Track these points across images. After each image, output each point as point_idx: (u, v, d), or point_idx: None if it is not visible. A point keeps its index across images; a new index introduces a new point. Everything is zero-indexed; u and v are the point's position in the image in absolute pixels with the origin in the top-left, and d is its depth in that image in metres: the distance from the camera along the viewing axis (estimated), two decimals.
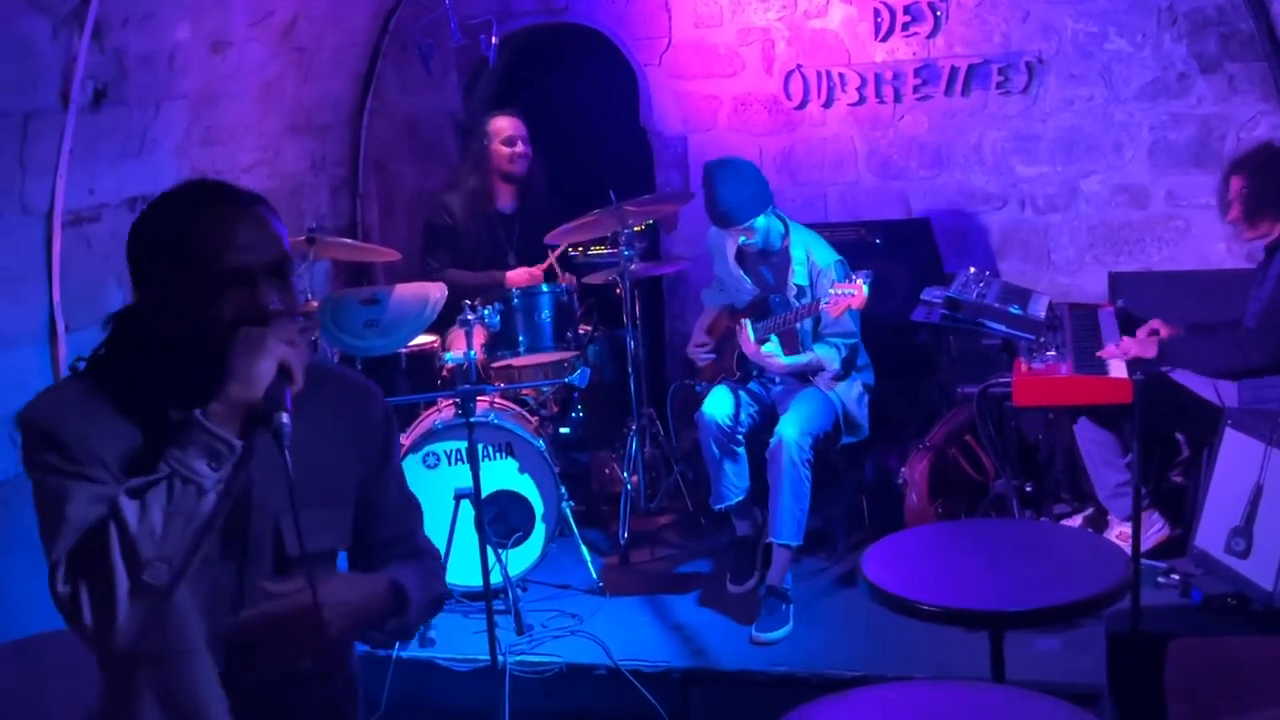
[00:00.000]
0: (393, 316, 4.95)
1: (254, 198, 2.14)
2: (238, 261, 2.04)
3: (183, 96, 5.15)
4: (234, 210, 2.08)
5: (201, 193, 2.12)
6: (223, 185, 2.15)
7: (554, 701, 4.47)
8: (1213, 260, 5.72)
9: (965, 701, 2.55)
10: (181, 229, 2.06)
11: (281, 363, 2.01)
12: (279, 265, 2.09)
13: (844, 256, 4.97)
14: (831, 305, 4.52)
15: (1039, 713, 2.47)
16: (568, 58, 7.01)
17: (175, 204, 2.11)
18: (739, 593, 4.90)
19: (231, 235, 2.04)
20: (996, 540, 3.52)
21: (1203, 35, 5.62)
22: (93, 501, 1.96)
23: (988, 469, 5.10)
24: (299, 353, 2.04)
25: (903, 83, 6.08)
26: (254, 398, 1.98)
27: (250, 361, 1.99)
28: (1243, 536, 3.80)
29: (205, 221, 2.06)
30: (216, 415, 1.97)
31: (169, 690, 2.08)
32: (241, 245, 2.04)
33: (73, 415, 2.04)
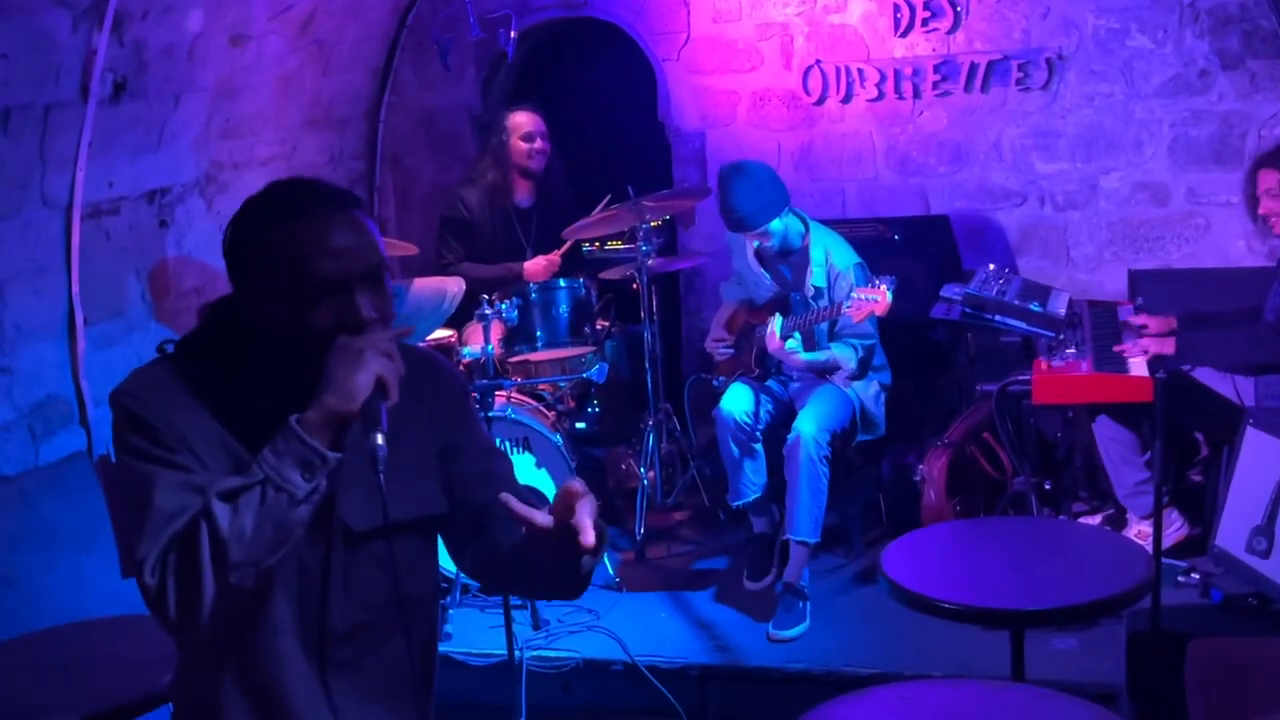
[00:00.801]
0: (410, 310, 4.95)
1: (350, 199, 2.11)
2: (333, 269, 2.02)
3: (202, 89, 5.15)
4: (330, 215, 2.05)
5: (298, 194, 2.10)
6: (318, 186, 2.12)
7: (571, 697, 4.47)
8: (1233, 258, 5.69)
9: (985, 700, 2.54)
10: (278, 232, 2.04)
11: (378, 377, 1.99)
12: (374, 271, 2.07)
13: (863, 253, 4.96)
14: (854, 310, 4.50)
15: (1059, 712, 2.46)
16: (586, 53, 7.00)
17: (272, 205, 2.09)
18: (756, 589, 4.89)
19: (327, 241, 2.02)
20: (1015, 538, 3.52)
21: (1224, 32, 5.59)
22: (179, 489, 1.97)
23: (1006, 467, 5.08)
24: (395, 365, 2.02)
25: (922, 79, 6.06)
26: (351, 411, 1.97)
27: (348, 374, 1.97)
28: (1264, 536, 3.78)
29: (302, 226, 2.03)
30: (311, 424, 1.96)
31: (251, 669, 2.10)
32: (337, 252, 2.03)
33: (160, 397, 2.05)
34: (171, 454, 2.01)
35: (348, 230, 2.05)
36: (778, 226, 4.86)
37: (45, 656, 3.39)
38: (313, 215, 2.04)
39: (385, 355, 2.00)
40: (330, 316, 2.03)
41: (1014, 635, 3.14)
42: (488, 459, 2.36)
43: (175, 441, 2.01)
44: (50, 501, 4.37)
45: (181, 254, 5.28)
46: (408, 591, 2.19)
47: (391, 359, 2.01)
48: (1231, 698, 3.01)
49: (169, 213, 5.18)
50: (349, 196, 2.12)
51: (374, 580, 2.17)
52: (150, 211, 5.09)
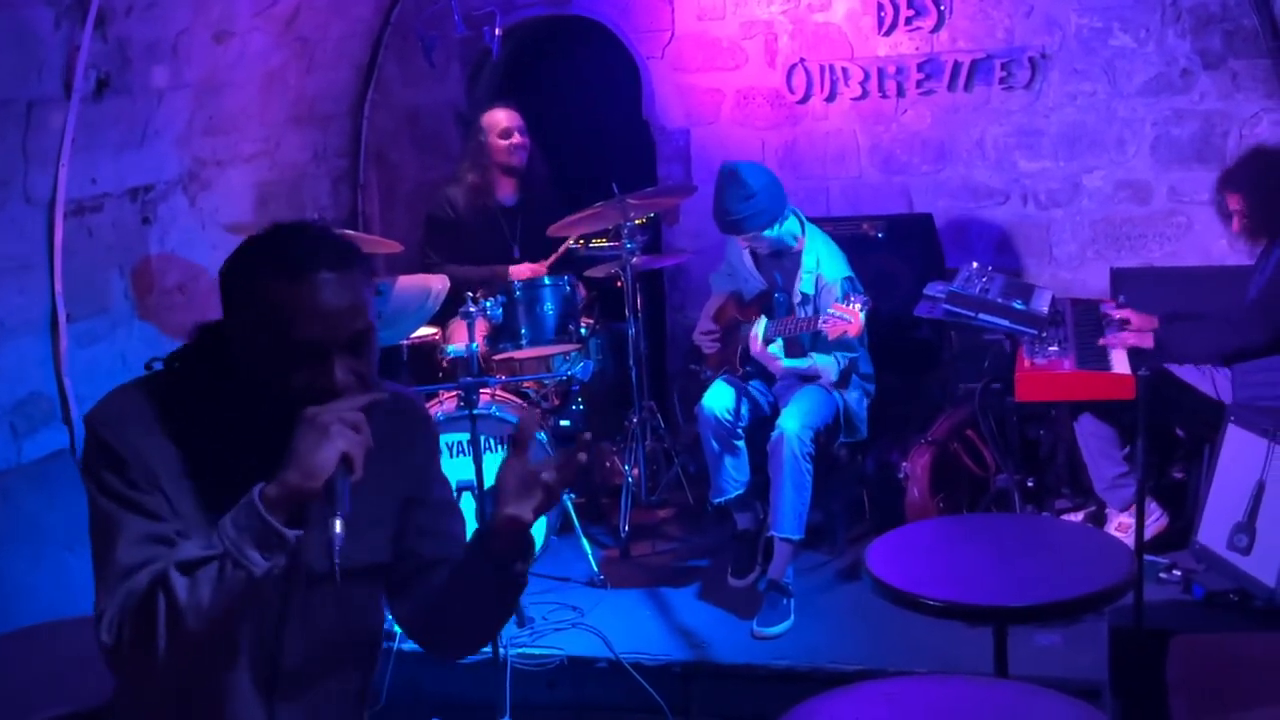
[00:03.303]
0: (394, 308, 4.95)
1: (350, 258, 2.04)
2: (316, 334, 1.97)
3: (185, 86, 5.14)
4: (325, 278, 1.98)
5: (299, 249, 2.01)
6: (321, 241, 2.04)
7: (555, 694, 4.47)
8: (1215, 256, 5.72)
9: (969, 696, 2.55)
10: (269, 285, 1.97)
11: (343, 454, 1.93)
12: (359, 338, 2.03)
13: (847, 251, 4.97)
14: (829, 327, 4.51)
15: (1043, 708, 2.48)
16: (571, 50, 7.00)
17: (270, 255, 2.02)
18: (740, 586, 4.89)
19: (316, 305, 1.97)
20: (999, 535, 3.53)
21: (1206, 31, 5.62)
22: (142, 542, 1.95)
23: (989, 464, 5.10)
24: (363, 438, 1.96)
25: (905, 77, 6.08)
26: (313, 489, 1.91)
27: (311, 450, 1.91)
28: (1245, 533, 3.80)
29: (294, 285, 1.97)
30: (272, 501, 1.90)
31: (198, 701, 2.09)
32: (324, 316, 1.97)
33: (135, 424, 2.02)
34: (139, 495, 1.98)
35: (339, 294, 1.99)
36: (772, 234, 4.87)
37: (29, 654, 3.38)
38: (307, 277, 1.97)
39: (352, 428, 1.95)
40: (305, 378, 1.99)
41: (997, 631, 3.15)
42: (444, 516, 2.33)
43: (145, 479, 1.98)
44: (33, 499, 4.35)
45: (165, 251, 5.27)
46: (358, 630, 2.23)
47: (359, 431, 1.96)
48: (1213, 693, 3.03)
49: (152, 210, 5.17)
50: (349, 254, 2.05)
51: (328, 619, 2.16)
52: (133, 208, 5.08)
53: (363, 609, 2.24)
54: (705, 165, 6.27)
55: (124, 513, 1.97)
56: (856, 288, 4.79)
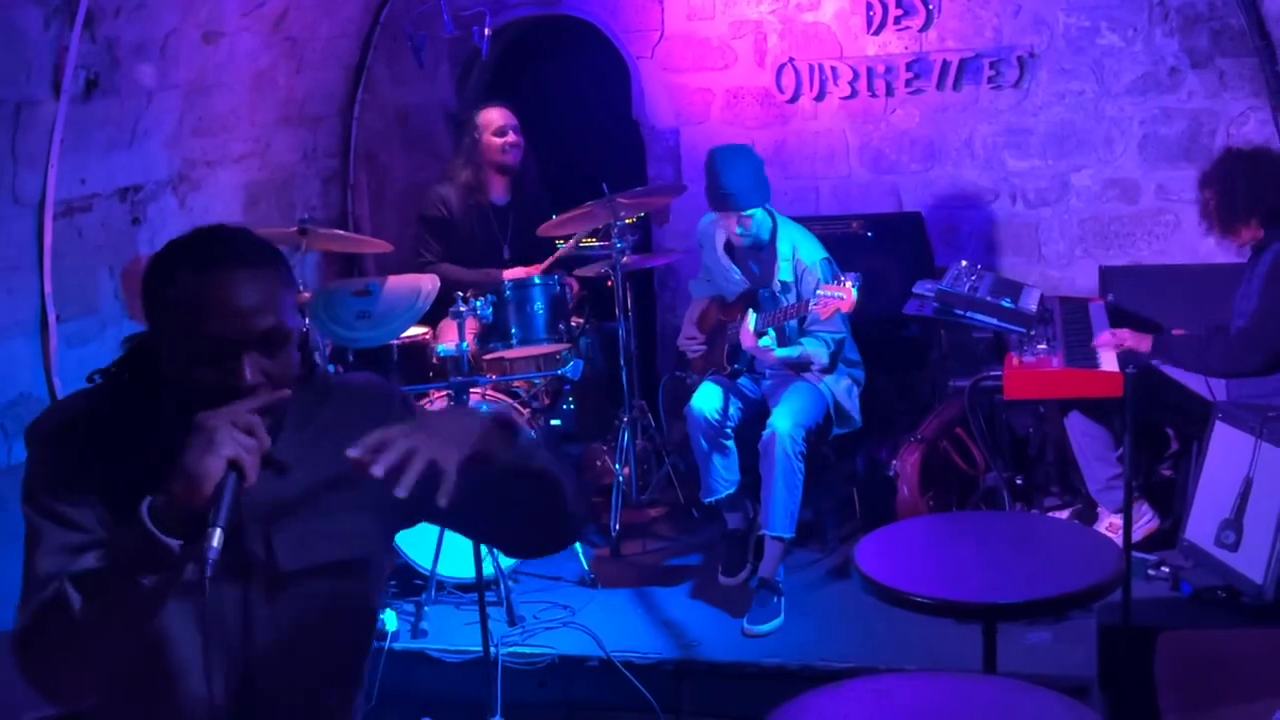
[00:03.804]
0: (385, 308, 4.95)
1: (265, 258, 2.01)
2: (222, 329, 1.93)
3: (175, 86, 5.14)
4: (234, 273, 1.95)
5: (211, 246, 2.00)
6: (235, 239, 2.02)
7: (546, 693, 4.48)
8: (1202, 254, 5.73)
9: (958, 693, 2.56)
10: (180, 281, 1.95)
11: (232, 460, 1.85)
12: (270, 335, 1.97)
13: (837, 251, 4.98)
14: (820, 307, 4.50)
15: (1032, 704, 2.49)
16: (561, 50, 7.00)
17: (176, 254, 2.00)
18: (731, 585, 4.90)
19: (223, 300, 1.93)
20: (988, 533, 3.54)
21: (1194, 30, 5.63)
22: (57, 552, 1.93)
23: (979, 462, 5.12)
24: (257, 443, 1.89)
25: (895, 77, 6.09)
26: (200, 499, 1.83)
27: (197, 457, 1.84)
28: (1233, 529, 3.82)
29: (202, 280, 1.94)
30: (159, 512, 1.84)
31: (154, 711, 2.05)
32: (230, 312, 1.93)
33: (71, 438, 2.01)
34: (63, 507, 1.96)
35: (249, 290, 1.95)
36: (761, 216, 4.87)
37: None
38: (213, 272, 1.95)
39: (245, 432, 1.88)
40: (214, 376, 1.94)
41: (986, 628, 3.16)
42: None
43: (72, 492, 1.97)
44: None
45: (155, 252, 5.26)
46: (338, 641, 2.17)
47: (253, 435, 1.89)
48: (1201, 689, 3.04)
49: (142, 210, 5.17)
50: (262, 253, 2.02)
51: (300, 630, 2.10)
52: (123, 209, 5.07)
53: (339, 615, 2.16)
54: (695, 165, 6.27)
55: (46, 523, 1.96)
56: (835, 268, 4.80)
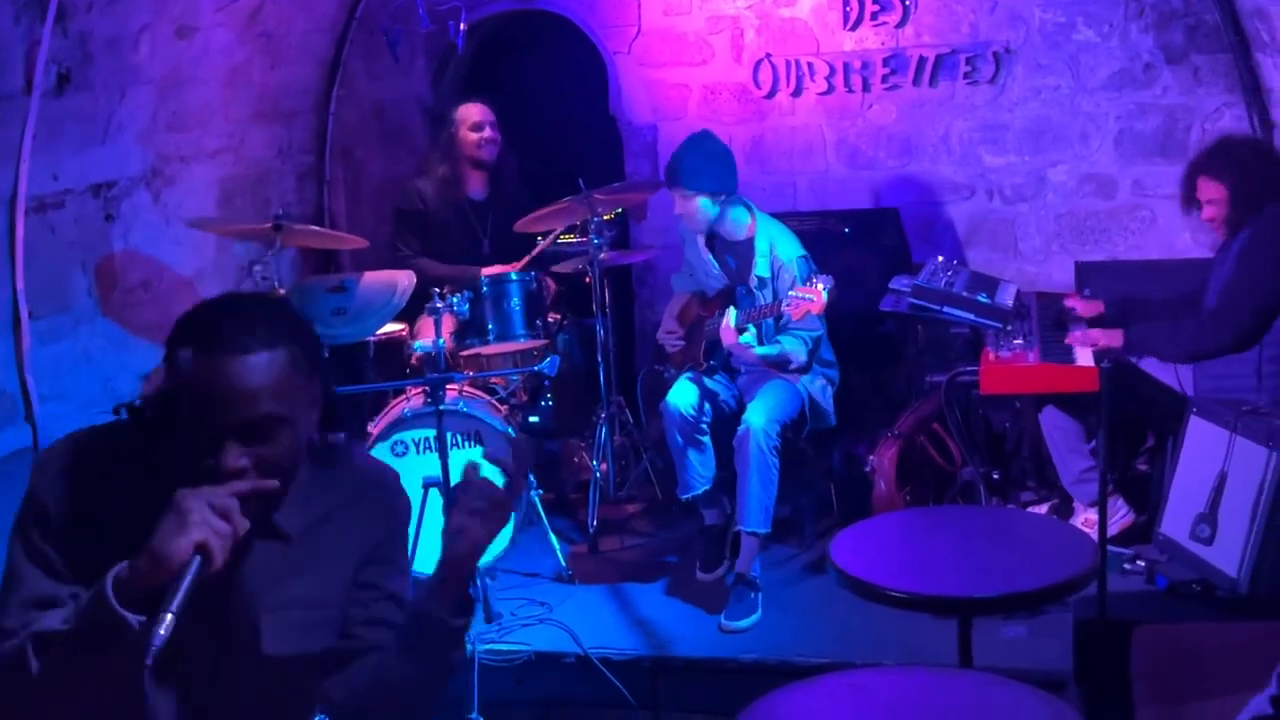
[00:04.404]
0: (361, 304, 4.94)
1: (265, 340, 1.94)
2: (202, 414, 1.90)
3: (148, 81, 5.10)
4: (220, 359, 1.90)
5: (209, 326, 1.95)
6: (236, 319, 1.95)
7: (523, 690, 4.47)
8: (1178, 249, 5.76)
9: (934, 687, 2.57)
10: (176, 355, 1.93)
11: (200, 544, 1.82)
12: (253, 424, 1.92)
13: (813, 246, 4.97)
14: (792, 308, 4.52)
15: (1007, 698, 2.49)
16: (537, 45, 6.99)
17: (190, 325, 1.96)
18: (708, 581, 4.90)
19: (205, 386, 1.90)
20: (964, 527, 3.55)
21: (1169, 26, 5.66)
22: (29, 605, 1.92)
23: (955, 457, 5.13)
24: (230, 528, 1.85)
25: (871, 72, 6.10)
26: (161, 579, 1.80)
27: (167, 536, 1.82)
28: (1207, 523, 3.83)
29: (190, 360, 1.91)
30: (123, 584, 1.81)
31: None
32: (211, 399, 1.90)
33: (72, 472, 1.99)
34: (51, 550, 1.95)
35: (244, 377, 1.90)
36: (706, 205, 4.85)
37: None
38: (212, 354, 1.91)
39: (221, 516, 1.85)
40: (200, 456, 1.91)
41: (962, 623, 3.16)
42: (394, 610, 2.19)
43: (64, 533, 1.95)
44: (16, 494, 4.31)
45: (128, 248, 5.24)
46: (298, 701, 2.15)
47: (228, 519, 1.85)
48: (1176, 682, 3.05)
49: (115, 206, 5.13)
50: (278, 336, 1.96)
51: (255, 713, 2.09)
52: (96, 205, 5.04)
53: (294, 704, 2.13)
54: None
55: (27, 566, 1.95)
56: (812, 266, 4.81)
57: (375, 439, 4.84)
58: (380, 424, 4.97)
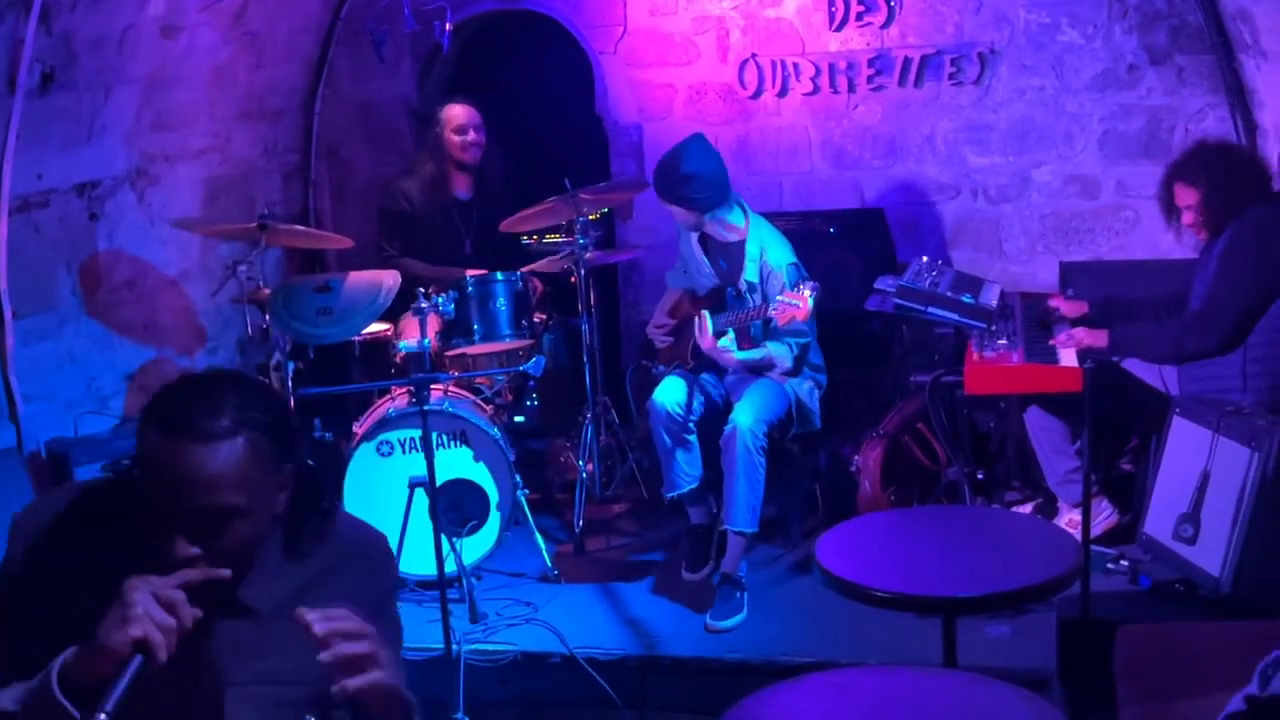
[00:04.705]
0: (346, 304, 4.92)
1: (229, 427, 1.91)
2: (161, 496, 1.88)
3: (133, 81, 5.09)
4: (178, 444, 1.88)
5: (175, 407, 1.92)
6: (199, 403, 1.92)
7: (509, 690, 4.47)
8: (1162, 250, 5.77)
9: (918, 686, 2.57)
10: (142, 432, 1.91)
11: (139, 641, 1.77)
12: (205, 513, 1.89)
13: (800, 246, 4.98)
14: (778, 314, 4.53)
15: (990, 697, 2.50)
16: (523, 45, 6.99)
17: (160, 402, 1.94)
18: (694, 580, 4.91)
19: (159, 470, 1.88)
20: (948, 527, 3.56)
21: (1153, 27, 5.68)
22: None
23: (940, 457, 5.14)
24: (175, 622, 1.80)
25: (856, 73, 6.11)
26: (101, 672, 1.76)
27: (110, 628, 1.78)
28: (1190, 523, 3.85)
29: (150, 441, 1.90)
30: (70, 671, 1.78)
31: None
32: (165, 483, 1.88)
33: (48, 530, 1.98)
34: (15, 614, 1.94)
35: (200, 466, 1.88)
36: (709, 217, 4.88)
37: None
38: (170, 437, 1.89)
39: (166, 608, 1.80)
40: (155, 537, 1.89)
41: (946, 622, 3.17)
42: None
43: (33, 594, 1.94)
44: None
45: (113, 247, 5.23)
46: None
47: (174, 613, 1.81)
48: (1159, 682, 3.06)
49: (99, 206, 5.12)
50: (243, 422, 1.93)
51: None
52: (80, 204, 5.03)
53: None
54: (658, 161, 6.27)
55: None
56: (802, 273, 4.81)
57: (360, 439, 4.84)
58: (365, 424, 4.97)
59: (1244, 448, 3.70)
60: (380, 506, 4.76)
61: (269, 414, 1.98)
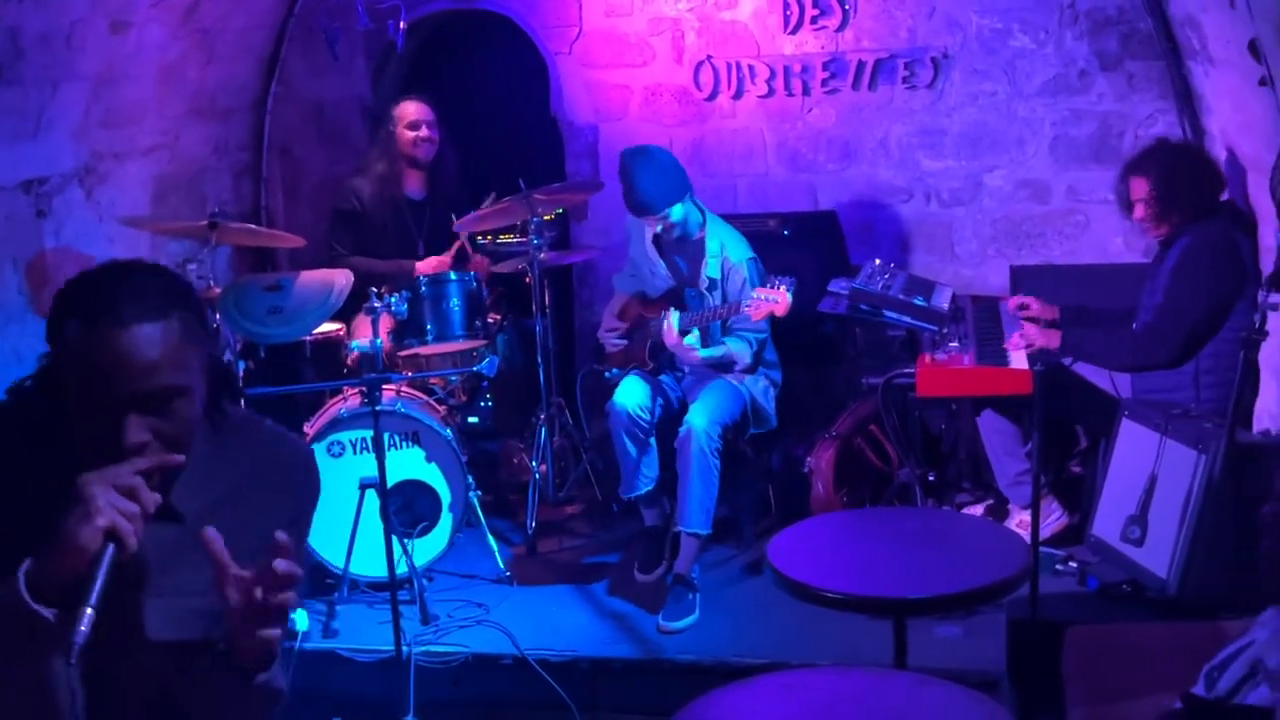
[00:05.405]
0: (297, 303, 4.88)
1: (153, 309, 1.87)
2: (98, 391, 1.83)
3: (82, 77, 5.03)
4: (110, 331, 1.83)
5: (93, 299, 1.87)
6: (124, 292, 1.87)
7: (460, 691, 4.44)
8: (1111, 254, 5.84)
9: (869, 687, 2.58)
10: (61, 332, 1.86)
11: (109, 531, 1.76)
12: (152, 396, 1.86)
13: (754, 248, 5.00)
14: (753, 309, 4.53)
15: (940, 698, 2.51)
16: (478, 45, 6.96)
17: (70, 300, 1.88)
18: (647, 582, 4.91)
19: (98, 361, 1.83)
20: (900, 528, 3.57)
21: (1103, 33, 5.73)
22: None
23: (892, 458, 5.16)
24: (139, 508, 1.79)
25: (811, 76, 6.13)
26: (75, 570, 1.74)
27: (73, 526, 1.75)
28: (1138, 525, 3.89)
29: (78, 337, 1.84)
30: (35, 579, 1.75)
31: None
32: (105, 373, 1.82)
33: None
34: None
35: (136, 349, 1.83)
36: (679, 213, 4.88)
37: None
38: (100, 327, 1.83)
39: (127, 496, 1.79)
40: (98, 433, 1.85)
41: (897, 623, 3.19)
42: None
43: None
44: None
45: (60, 245, 5.15)
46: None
47: (136, 498, 1.79)
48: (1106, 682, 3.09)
49: (47, 203, 5.05)
50: (165, 303, 1.89)
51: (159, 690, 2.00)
52: (27, 201, 4.96)
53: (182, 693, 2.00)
54: (613, 162, 6.21)
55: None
56: (761, 268, 4.83)
57: (311, 439, 4.80)
58: (316, 424, 4.94)
59: (1191, 450, 3.74)
60: (331, 508, 4.72)
61: (187, 294, 1.96)
